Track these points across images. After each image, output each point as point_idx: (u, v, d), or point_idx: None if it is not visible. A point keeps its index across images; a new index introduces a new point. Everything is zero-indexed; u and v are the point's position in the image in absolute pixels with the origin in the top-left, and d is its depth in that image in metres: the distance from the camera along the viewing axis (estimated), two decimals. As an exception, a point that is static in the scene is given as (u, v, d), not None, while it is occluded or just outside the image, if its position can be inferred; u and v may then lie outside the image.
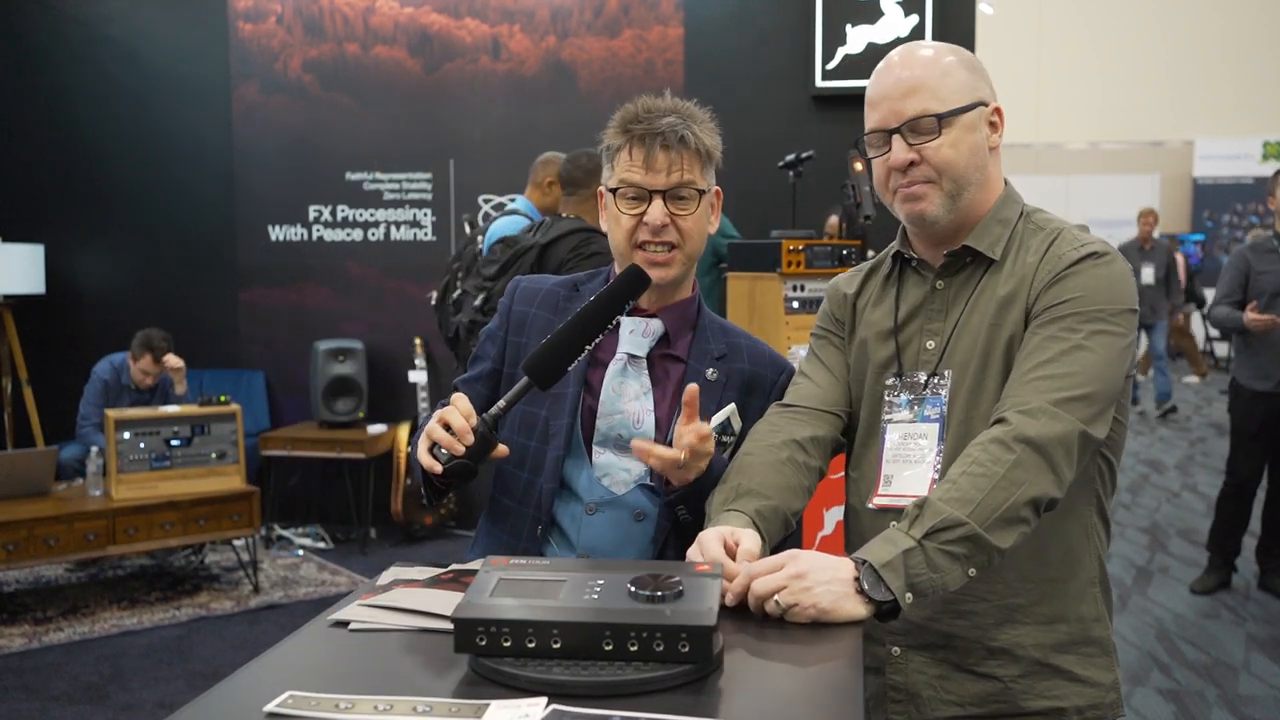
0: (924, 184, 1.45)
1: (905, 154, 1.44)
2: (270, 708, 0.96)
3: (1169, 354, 10.40)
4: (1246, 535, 4.85)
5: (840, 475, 1.64)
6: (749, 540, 1.33)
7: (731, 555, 1.30)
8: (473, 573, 1.35)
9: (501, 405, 1.45)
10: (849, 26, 5.47)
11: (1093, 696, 1.47)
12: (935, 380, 1.49)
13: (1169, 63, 13.42)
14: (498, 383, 1.71)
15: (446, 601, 1.22)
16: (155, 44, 6.12)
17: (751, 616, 1.23)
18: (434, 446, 1.44)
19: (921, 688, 1.49)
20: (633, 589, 1.09)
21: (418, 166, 5.98)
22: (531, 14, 5.84)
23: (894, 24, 5.43)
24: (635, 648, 1.03)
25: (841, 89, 5.46)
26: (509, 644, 1.05)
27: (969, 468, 1.31)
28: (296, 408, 6.11)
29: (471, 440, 1.42)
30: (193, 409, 4.73)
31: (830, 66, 5.51)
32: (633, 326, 1.64)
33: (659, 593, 1.07)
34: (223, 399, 4.84)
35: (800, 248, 3.28)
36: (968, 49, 1.55)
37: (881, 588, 1.22)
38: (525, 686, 1.01)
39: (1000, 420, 1.34)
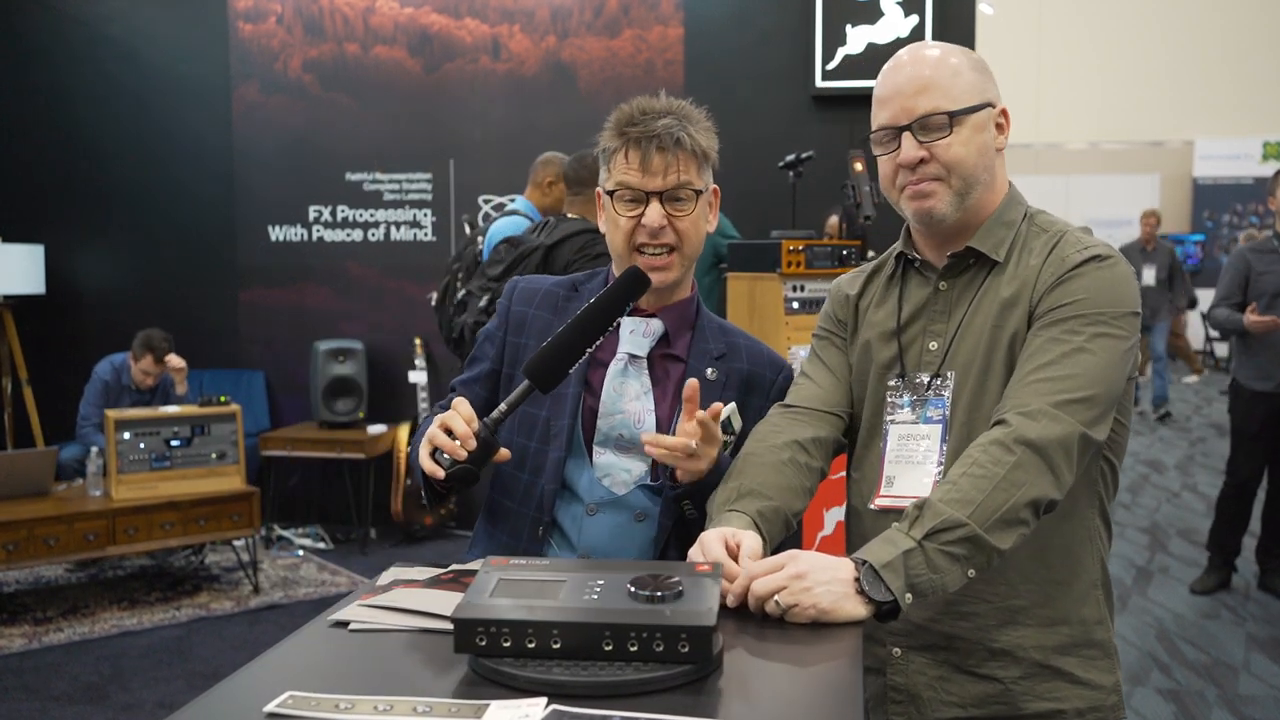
0: (933, 181, 1.45)
1: (915, 151, 1.44)
2: (270, 708, 0.96)
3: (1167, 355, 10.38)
4: (1246, 535, 4.85)
5: (841, 476, 1.64)
6: (750, 541, 1.32)
7: (733, 556, 1.30)
8: (473, 573, 1.35)
9: (503, 409, 1.45)
10: (849, 27, 5.47)
11: (1094, 699, 1.47)
12: (938, 381, 1.49)
13: (1169, 63, 13.41)
14: (496, 384, 1.70)
15: (446, 602, 1.22)
16: (155, 44, 6.12)
17: (751, 616, 1.23)
18: (435, 451, 1.44)
19: (922, 689, 1.49)
20: (632, 589, 1.08)
21: (418, 167, 5.98)
22: (531, 14, 5.84)
23: (894, 24, 5.43)
24: (635, 648, 1.03)
25: (841, 89, 5.46)
26: (509, 644, 1.04)
27: (969, 469, 1.31)
28: (296, 408, 6.11)
29: (474, 445, 1.41)
30: (193, 409, 4.73)
31: (830, 67, 5.51)
32: (633, 326, 1.64)
33: (659, 593, 1.07)
34: (223, 399, 4.85)
35: (800, 248, 3.28)
36: (968, 49, 1.56)
37: (881, 588, 1.23)
38: (525, 687, 1.01)
39: (1000, 422, 1.35)
